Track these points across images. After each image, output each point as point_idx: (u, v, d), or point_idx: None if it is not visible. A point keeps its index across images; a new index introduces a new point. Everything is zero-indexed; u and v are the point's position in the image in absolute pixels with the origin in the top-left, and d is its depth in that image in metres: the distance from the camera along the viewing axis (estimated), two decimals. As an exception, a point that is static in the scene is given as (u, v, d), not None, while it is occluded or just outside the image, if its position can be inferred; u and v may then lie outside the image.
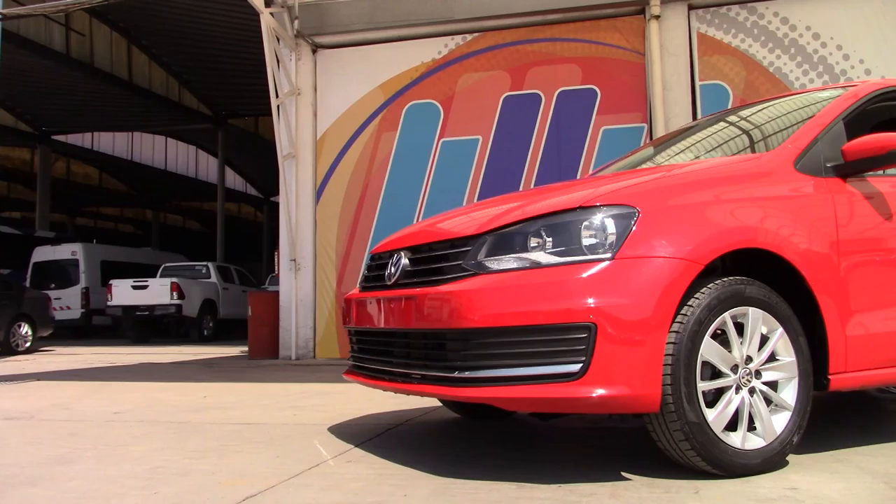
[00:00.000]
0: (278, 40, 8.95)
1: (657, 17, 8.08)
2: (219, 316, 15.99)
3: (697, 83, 8.17)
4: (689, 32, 8.20)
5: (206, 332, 15.41)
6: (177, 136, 27.22)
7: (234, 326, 15.72)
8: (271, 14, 8.62)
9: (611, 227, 2.44)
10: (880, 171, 3.02)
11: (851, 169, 2.89)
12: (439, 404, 4.18)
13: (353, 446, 3.17)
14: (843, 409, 4.07)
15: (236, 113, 22.42)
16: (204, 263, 17.07)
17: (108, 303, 14.81)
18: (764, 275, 2.62)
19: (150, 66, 19.06)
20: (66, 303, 16.71)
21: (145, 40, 18.04)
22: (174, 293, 14.62)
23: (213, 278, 16.38)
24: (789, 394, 2.56)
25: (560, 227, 2.50)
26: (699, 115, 7.89)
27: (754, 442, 2.48)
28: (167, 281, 14.88)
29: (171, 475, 2.71)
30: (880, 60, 7.67)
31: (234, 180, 30.48)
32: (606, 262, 2.38)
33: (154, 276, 16.03)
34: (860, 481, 2.41)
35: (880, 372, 2.85)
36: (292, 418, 4.05)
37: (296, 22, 9.05)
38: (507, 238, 2.57)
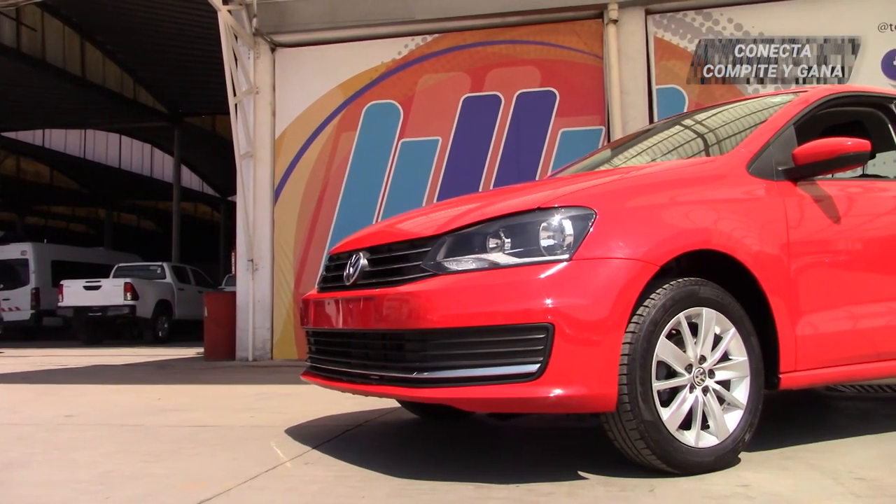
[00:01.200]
0: (236, 38, 8.84)
1: (615, 21, 8.18)
2: (174, 317, 15.73)
3: (654, 87, 8.29)
4: (646, 37, 8.31)
5: (160, 334, 15.15)
6: (131, 133, 26.68)
7: (190, 328, 15.47)
8: (229, 11, 8.51)
9: (568, 228, 2.46)
10: (829, 175, 3.10)
11: (802, 173, 2.96)
12: (398, 405, 4.17)
13: (310, 448, 3.14)
14: (793, 408, 4.17)
15: (193, 111, 22.06)
16: (159, 263, 16.79)
17: (60, 304, 14.46)
18: (717, 276, 2.66)
19: (105, 62, 18.65)
20: (16, 303, 16.31)
21: (99, 36, 17.64)
22: (128, 294, 14.35)
23: (169, 279, 16.12)
24: (741, 392, 2.61)
25: (519, 228, 2.51)
26: (656, 119, 8.01)
27: (708, 440, 2.53)
28: (120, 281, 14.60)
29: (123, 479, 2.66)
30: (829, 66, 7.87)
31: (190, 179, 30.02)
32: (564, 263, 2.40)
33: (107, 276, 15.69)
34: (809, 477, 2.47)
35: (828, 371, 2.93)
36: (249, 420, 4.01)
37: (254, 20, 8.96)
38: (467, 239, 2.57)
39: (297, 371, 3.53)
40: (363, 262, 2.91)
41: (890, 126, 3.58)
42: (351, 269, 2.95)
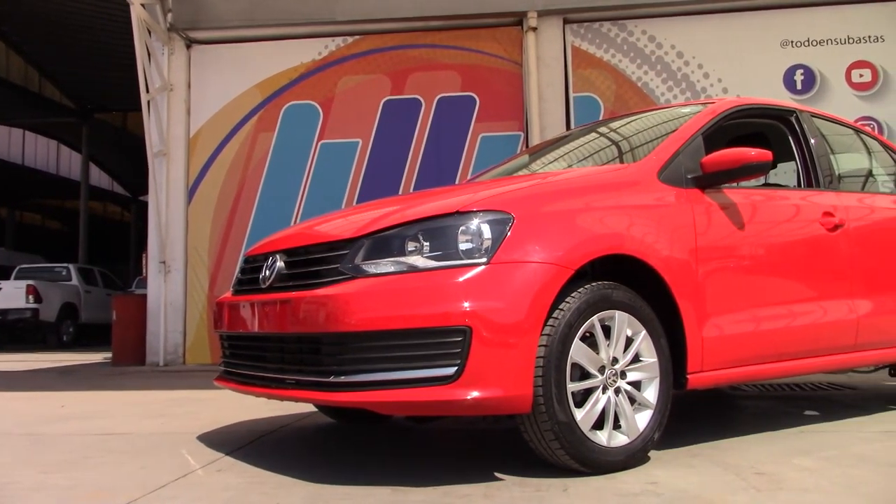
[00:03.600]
0: (150, 33, 8.57)
1: (534, 29, 8.33)
2: (80, 321, 15.12)
3: (571, 94, 8.47)
4: (564, 45, 8.50)
5: (65, 338, 14.54)
6: (36, 129, 25.52)
7: (98, 332, 14.90)
8: (143, 6, 8.24)
9: (486, 232, 2.49)
10: (735, 184, 3.23)
11: (709, 181, 3.08)
12: (314, 410, 4.13)
13: (223, 454, 3.07)
14: (700, 407, 4.32)
15: (103, 107, 21.26)
16: (64, 265, 16.10)
17: (-44, 307, 13.71)
18: (629, 279, 2.74)
19: (8, 54, 17.78)
20: None
21: (3, 26, 16.81)
22: (30, 296, 13.72)
23: (75, 281, 15.47)
24: (651, 393, 2.70)
25: (437, 231, 2.52)
26: (573, 125, 8.18)
27: (619, 439, 2.60)
28: (22, 283, 13.95)
29: (23, 491, 2.53)
30: (736, 79, 8.24)
31: (99, 178, 28.94)
32: (482, 267, 2.42)
33: (8, 277, 14.95)
34: (713, 473, 2.57)
35: (733, 371, 3.05)
36: (160, 427, 3.88)
37: (169, 15, 8.70)
38: (385, 242, 2.56)
39: (211, 376, 3.44)
40: (280, 264, 2.86)
41: (790, 137, 3.76)
42: (267, 272, 2.90)
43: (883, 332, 3.68)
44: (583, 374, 2.55)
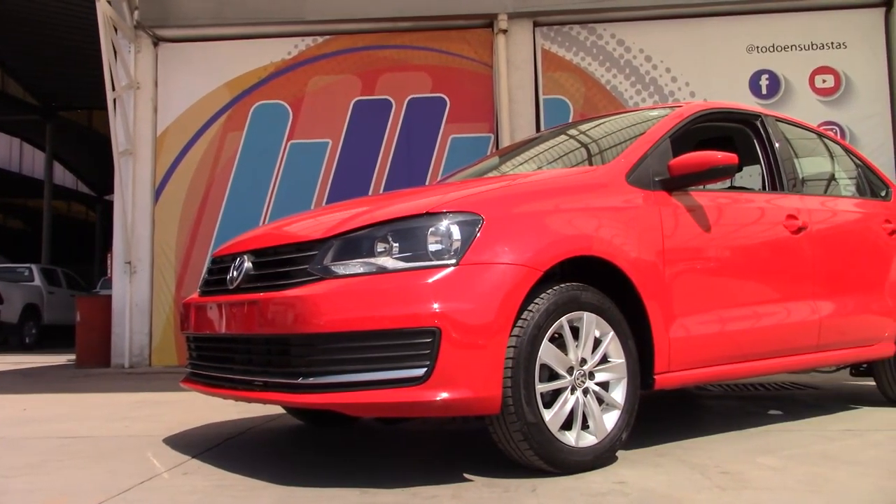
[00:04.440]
0: (116, 30, 8.44)
1: (504, 31, 8.35)
2: (43, 322, 14.83)
3: (541, 97, 8.51)
4: (534, 48, 8.53)
5: (28, 340, 14.22)
6: (-2, 126, 25.02)
7: (61, 333, 14.63)
8: (108, 2, 8.11)
9: (456, 233, 2.49)
10: (701, 186, 3.27)
11: (676, 183, 3.11)
12: (283, 412, 4.10)
13: (190, 457, 3.03)
14: (667, 407, 4.37)
15: (68, 105, 20.90)
16: (27, 265, 15.76)
17: (-87, 308, 13.38)
18: (598, 281, 2.76)
19: (-32, 49, 17.42)
20: None
21: (-37, 20, 16.46)
22: (-9, 297, 13.44)
23: (38, 281, 15.16)
24: (619, 393, 2.72)
25: (407, 232, 2.52)
26: (542, 128, 8.22)
27: (587, 440, 2.61)
28: (-17, 284, 13.66)
29: (-19, 496, 2.48)
30: (703, 83, 8.34)
31: (63, 177, 28.43)
32: (451, 268, 2.43)
33: (-32, 278, 14.63)
34: (680, 473, 2.60)
35: (699, 371, 3.09)
36: (124, 430, 3.83)
37: (136, 12, 8.57)
38: (355, 243, 2.55)
39: (177, 378, 3.40)
40: (248, 265, 2.83)
41: (755, 141, 3.82)
42: (235, 273, 2.88)
43: (844, 332, 3.75)
44: (551, 375, 2.57)
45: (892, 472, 2.59)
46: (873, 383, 4.31)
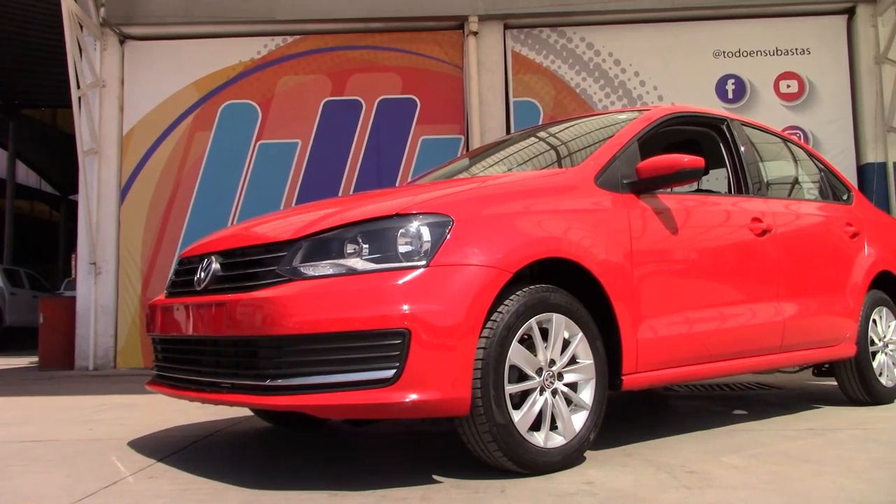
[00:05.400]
0: (81, 27, 8.31)
1: (475, 33, 8.38)
2: (5, 324, 14.54)
3: (511, 99, 8.55)
4: (504, 50, 8.57)
5: (-12, 342, 13.98)
6: (-42, 124, 24.46)
7: (24, 336, 14.37)
8: (73, -1, 7.99)
9: (426, 234, 2.49)
10: (669, 189, 3.31)
11: (644, 186, 3.15)
12: (251, 414, 4.06)
13: (155, 461, 2.99)
14: (634, 407, 4.41)
15: (31, 103, 20.48)
16: (-12, 266, 15.50)
17: None
18: (566, 282, 2.78)
19: (-74, 44, 17.00)
20: None
21: (-80, 15, 16.07)
22: (-49, 299, 13.16)
23: (-1, 282, 14.91)
24: (587, 394, 2.74)
25: (376, 233, 2.51)
26: (513, 130, 8.26)
27: (556, 440, 2.63)
28: (-58, 285, 13.36)
29: (-60, 502, 2.43)
30: (671, 87, 8.45)
31: (26, 176, 27.85)
32: (421, 270, 2.42)
33: (-74, 279, 14.31)
34: (646, 472, 2.62)
35: (667, 372, 3.13)
36: (88, 433, 3.76)
37: (102, 10, 8.46)
38: (324, 244, 2.54)
39: (143, 380, 3.35)
40: (215, 266, 2.81)
41: (721, 145, 3.87)
42: (202, 274, 2.85)
43: (807, 333, 3.82)
44: (521, 376, 2.58)
45: (852, 471, 2.64)
46: (835, 383, 4.40)
